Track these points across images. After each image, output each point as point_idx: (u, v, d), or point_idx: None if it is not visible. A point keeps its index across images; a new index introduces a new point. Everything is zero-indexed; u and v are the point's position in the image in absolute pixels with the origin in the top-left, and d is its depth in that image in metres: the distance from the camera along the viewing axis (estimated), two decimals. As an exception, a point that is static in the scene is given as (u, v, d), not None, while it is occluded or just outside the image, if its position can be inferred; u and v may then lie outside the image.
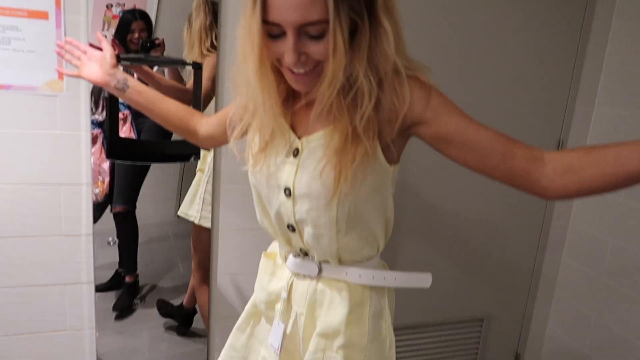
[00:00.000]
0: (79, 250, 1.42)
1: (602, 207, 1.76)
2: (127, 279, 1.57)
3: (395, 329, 1.80)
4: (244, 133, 0.90)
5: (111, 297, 1.57)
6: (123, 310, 1.55)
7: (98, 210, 1.44)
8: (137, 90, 1.10)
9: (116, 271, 1.57)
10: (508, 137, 0.77)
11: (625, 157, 0.67)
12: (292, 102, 0.87)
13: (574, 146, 1.83)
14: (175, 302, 1.66)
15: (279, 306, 0.97)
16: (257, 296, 1.02)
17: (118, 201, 1.52)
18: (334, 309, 0.91)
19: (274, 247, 1.04)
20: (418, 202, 1.72)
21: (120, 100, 1.34)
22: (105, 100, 1.34)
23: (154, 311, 1.65)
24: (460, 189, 1.74)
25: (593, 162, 0.70)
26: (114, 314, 1.56)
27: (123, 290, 1.57)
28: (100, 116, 1.36)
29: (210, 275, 1.58)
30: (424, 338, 1.87)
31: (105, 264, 1.53)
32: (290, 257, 0.95)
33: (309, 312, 0.93)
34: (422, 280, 0.96)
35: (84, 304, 1.47)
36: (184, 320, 1.67)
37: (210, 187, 1.50)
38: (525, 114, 1.74)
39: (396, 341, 1.81)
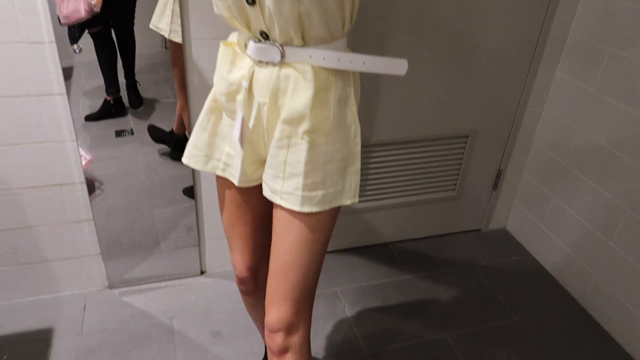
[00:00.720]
0: (45, 58, 1.35)
1: (603, 15, 1.63)
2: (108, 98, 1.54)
3: (376, 145, 1.84)
4: None
5: (104, 125, 1.56)
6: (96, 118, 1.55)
7: (78, 30, 1.34)
8: None
9: (105, 99, 1.54)
10: None
11: None
12: None
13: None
14: (168, 129, 1.66)
15: (240, 97, 0.93)
16: (217, 88, 0.98)
17: (124, 19, 1.43)
18: (298, 94, 0.88)
19: (233, 37, 0.98)
20: (405, 9, 1.59)
21: None
22: None
23: (146, 139, 1.66)
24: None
25: None
26: (110, 140, 1.58)
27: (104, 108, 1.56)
28: None
29: (187, 90, 1.54)
30: (409, 154, 1.90)
31: (93, 88, 1.49)
32: (251, 44, 0.89)
33: (272, 100, 0.90)
34: (396, 66, 0.88)
35: (60, 115, 1.45)
36: (175, 145, 1.68)
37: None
38: None
39: (378, 157, 1.87)
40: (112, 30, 1.46)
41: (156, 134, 1.69)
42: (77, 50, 1.34)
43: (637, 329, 1.63)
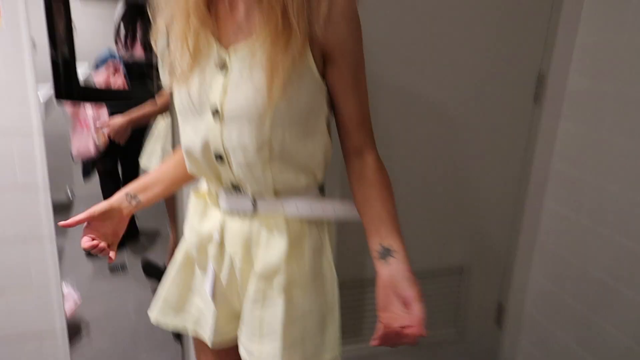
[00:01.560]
0: (37, 203, 1.38)
1: (585, 146, 1.69)
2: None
3: (368, 281, 1.78)
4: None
5: (97, 264, 1.55)
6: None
7: (91, 165, 1.41)
8: (145, 189, 0.99)
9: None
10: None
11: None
12: (214, 11, 0.80)
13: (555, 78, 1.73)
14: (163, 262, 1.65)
15: (211, 249, 0.92)
16: (188, 240, 0.96)
17: (130, 156, 1.48)
18: (272, 247, 0.86)
19: (204, 186, 0.98)
20: (390, 143, 1.65)
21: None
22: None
23: (140, 275, 1.64)
24: (434, 131, 1.66)
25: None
26: (103, 277, 1.56)
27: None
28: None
29: (176, 226, 1.55)
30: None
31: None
32: (222, 194, 0.90)
33: (244, 252, 0.88)
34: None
35: (47, 259, 1.44)
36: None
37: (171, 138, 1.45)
38: (503, 45, 1.64)
39: (368, 294, 1.80)
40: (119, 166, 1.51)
41: (149, 269, 1.66)
42: (70, 197, 1.38)
43: None
